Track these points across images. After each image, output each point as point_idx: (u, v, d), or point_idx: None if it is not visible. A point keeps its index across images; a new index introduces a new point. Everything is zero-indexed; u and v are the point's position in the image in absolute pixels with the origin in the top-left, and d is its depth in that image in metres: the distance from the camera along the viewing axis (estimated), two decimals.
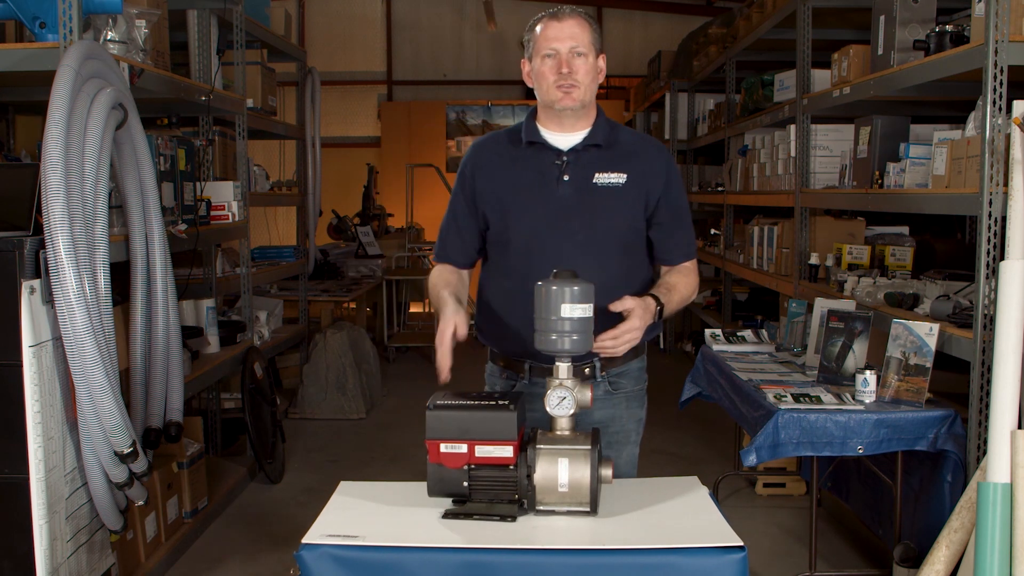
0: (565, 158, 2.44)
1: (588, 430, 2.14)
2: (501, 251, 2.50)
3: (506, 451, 2.04)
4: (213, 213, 4.57)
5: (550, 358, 2.31)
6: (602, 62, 2.45)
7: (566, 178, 2.42)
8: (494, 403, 2.07)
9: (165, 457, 3.97)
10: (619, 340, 2.26)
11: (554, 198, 2.42)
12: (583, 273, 2.22)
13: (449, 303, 2.37)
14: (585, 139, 2.45)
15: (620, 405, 2.52)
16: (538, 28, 2.42)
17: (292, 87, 6.93)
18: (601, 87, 2.51)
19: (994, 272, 3.04)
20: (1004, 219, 3.00)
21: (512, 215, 2.45)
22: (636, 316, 2.28)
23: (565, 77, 2.37)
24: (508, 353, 2.53)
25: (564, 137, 2.46)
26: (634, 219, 2.45)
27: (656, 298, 2.38)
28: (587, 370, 2.46)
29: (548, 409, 2.10)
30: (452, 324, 2.28)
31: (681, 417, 5.72)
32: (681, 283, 2.49)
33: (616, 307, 2.27)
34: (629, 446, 2.56)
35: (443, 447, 2.05)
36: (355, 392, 6.44)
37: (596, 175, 2.43)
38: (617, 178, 2.42)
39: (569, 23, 2.38)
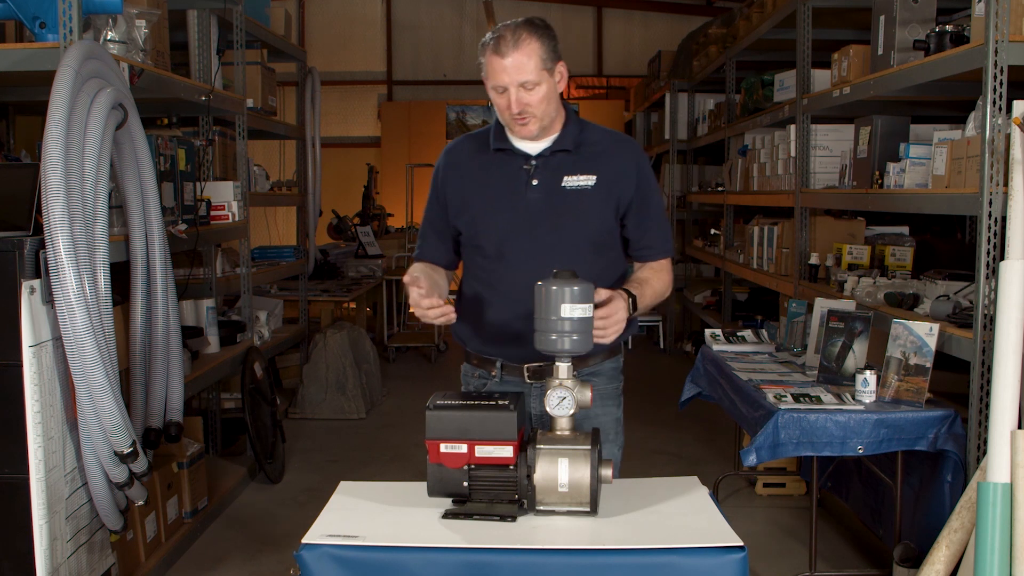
0: (534, 163, 2.43)
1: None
2: (473, 255, 2.51)
3: (506, 451, 2.04)
4: (213, 213, 4.58)
5: (521, 357, 2.28)
6: (562, 68, 2.38)
7: (535, 183, 2.42)
8: (494, 403, 2.07)
9: (165, 457, 3.97)
10: (608, 320, 2.19)
11: (523, 203, 2.41)
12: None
13: (408, 275, 2.32)
14: (553, 144, 2.43)
15: (595, 404, 2.48)
16: (483, 59, 2.34)
17: (292, 87, 6.93)
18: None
19: (994, 272, 3.04)
20: (1004, 219, 3.00)
21: (481, 221, 2.45)
22: (614, 302, 2.22)
23: (518, 115, 2.33)
24: (480, 352, 2.54)
25: (532, 144, 2.44)
26: (605, 219, 2.44)
27: (628, 291, 2.35)
28: None
29: (548, 409, 2.10)
30: (413, 286, 2.24)
31: (681, 417, 5.73)
32: (653, 278, 2.47)
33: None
34: (607, 445, 2.52)
35: (443, 447, 2.05)
36: (355, 392, 6.44)
37: (565, 178, 2.41)
38: (586, 180, 2.41)
39: (512, 57, 2.28)
